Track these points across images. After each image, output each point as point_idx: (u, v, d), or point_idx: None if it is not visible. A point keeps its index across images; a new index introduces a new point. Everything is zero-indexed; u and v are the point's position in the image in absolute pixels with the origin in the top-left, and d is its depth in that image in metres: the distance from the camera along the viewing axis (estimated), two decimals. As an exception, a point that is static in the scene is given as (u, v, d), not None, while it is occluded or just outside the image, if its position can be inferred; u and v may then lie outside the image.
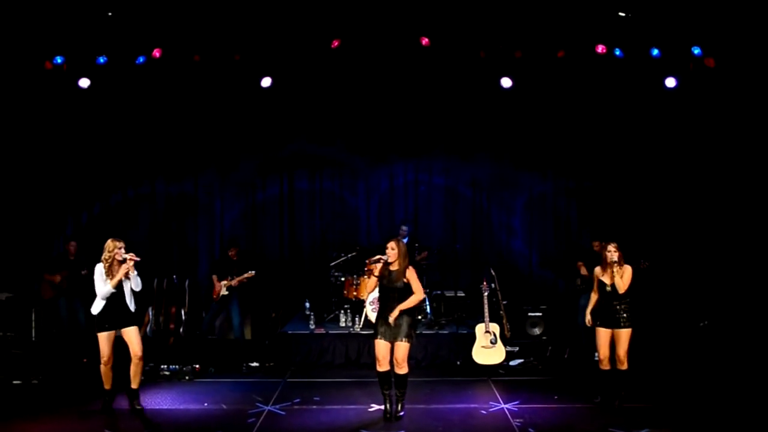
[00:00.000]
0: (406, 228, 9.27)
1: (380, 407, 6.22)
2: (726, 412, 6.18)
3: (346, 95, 9.64)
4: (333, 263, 9.18)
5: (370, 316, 8.00)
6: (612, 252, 6.23)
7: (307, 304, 8.93)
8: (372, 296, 7.64)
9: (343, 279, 8.94)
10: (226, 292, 8.49)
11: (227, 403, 6.59)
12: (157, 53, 8.59)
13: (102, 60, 8.60)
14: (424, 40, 8.53)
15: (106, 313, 6.12)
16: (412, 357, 6.84)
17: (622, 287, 6.20)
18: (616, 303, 6.24)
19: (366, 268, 6.61)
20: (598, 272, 6.38)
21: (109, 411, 6.28)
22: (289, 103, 9.66)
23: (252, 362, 8.02)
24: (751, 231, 9.16)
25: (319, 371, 7.90)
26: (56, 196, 9.83)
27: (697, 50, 8.50)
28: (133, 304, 6.25)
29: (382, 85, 9.38)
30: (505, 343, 7.89)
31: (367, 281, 7.29)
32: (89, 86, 8.81)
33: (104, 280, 6.08)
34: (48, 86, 8.91)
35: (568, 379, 7.47)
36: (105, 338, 6.15)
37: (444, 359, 8.12)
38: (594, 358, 6.76)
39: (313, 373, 7.84)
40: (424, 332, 8.13)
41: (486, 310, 7.74)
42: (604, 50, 8.59)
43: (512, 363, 8.03)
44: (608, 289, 6.26)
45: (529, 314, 8.71)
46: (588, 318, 6.59)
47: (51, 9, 8.00)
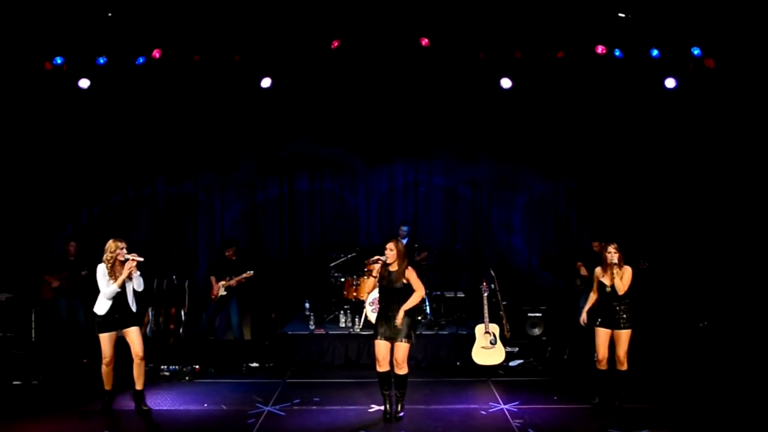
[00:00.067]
0: (405, 228, 9.27)
1: (380, 408, 6.22)
2: (726, 412, 6.18)
3: (346, 96, 9.63)
4: (333, 264, 9.18)
5: (369, 316, 8.01)
6: (612, 253, 6.24)
7: (307, 305, 8.92)
8: (372, 297, 7.65)
9: (342, 279, 8.93)
10: (225, 293, 8.45)
11: (227, 404, 6.60)
12: (156, 54, 8.60)
13: (102, 60, 8.61)
14: (424, 41, 8.53)
15: (108, 313, 6.12)
16: (412, 357, 6.84)
17: (622, 288, 6.21)
18: (615, 304, 6.25)
19: (366, 269, 6.61)
20: (598, 273, 6.39)
21: (109, 412, 6.29)
22: (288, 104, 9.65)
23: (252, 363, 8.02)
24: (751, 231, 9.16)
25: (318, 372, 7.91)
26: (56, 197, 9.83)
27: (696, 51, 8.50)
28: (134, 304, 6.26)
29: (382, 85, 9.37)
30: (505, 344, 7.89)
31: (367, 282, 7.29)
32: (89, 87, 8.80)
33: (108, 280, 6.08)
34: (48, 87, 8.90)
35: (568, 379, 7.48)
36: (107, 339, 6.15)
37: (444, 360, 8.13)
38: (593, 359, 6.76)
39: (312, 373, 7.84)
40: (424, 333, 8.14)
41: (486, 310, 7.75)
42: (604, 51, 8.58)
43: (512, 363, 8.04)
44: (608, 290, 6.27)
45: (529, 315, 8.70)
46: (583, 317, 6.60)
47: (51, 9, 8.00)
